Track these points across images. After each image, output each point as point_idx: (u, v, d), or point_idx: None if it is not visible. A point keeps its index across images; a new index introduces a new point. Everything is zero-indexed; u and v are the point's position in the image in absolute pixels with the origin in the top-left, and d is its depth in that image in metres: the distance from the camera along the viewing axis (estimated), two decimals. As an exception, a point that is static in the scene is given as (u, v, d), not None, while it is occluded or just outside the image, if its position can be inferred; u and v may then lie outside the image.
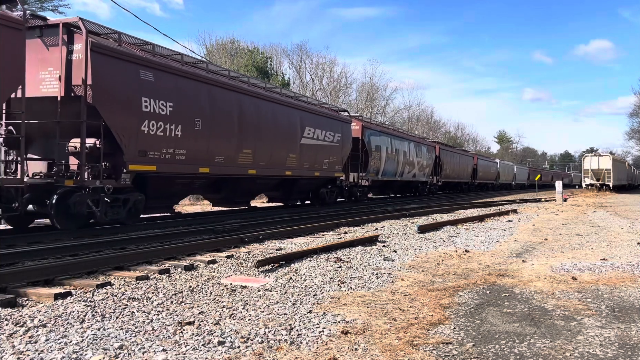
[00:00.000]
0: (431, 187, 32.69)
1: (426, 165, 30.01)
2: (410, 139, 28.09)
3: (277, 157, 14.74)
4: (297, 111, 16.07)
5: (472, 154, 45.94)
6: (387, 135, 24.31)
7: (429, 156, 30.58)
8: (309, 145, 16.37)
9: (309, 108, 17.01)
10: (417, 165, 28.28)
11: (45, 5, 26.62)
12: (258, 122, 13.77)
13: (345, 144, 18.96)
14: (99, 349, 3.42)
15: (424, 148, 29.76)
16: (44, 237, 8.65)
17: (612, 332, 3.97)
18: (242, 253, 7.51)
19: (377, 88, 55.34)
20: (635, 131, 68.33)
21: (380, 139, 23.00)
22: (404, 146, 25.86)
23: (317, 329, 3.92)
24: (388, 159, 23.45)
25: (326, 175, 17.87)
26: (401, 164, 25.49)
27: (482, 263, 7.09)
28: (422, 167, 29.18)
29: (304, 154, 16.11)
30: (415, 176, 28.11)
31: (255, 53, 42.21)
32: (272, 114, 14.51)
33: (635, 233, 10.94)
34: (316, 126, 16.86)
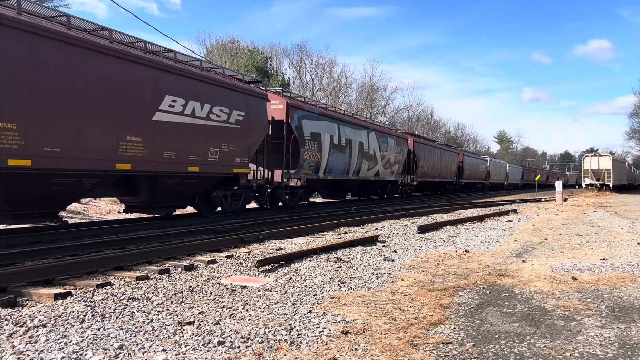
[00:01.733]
0: (404, 188, 27.71)
1: (395, 162, 24.67)
2: (371, 127, 22.29)
3: (97, 141, 8.90)
4: (149, 70, 10.03)
5: (457, 150, 40.52)
6: (332, 120, 18.46)
7: (398, 150, 25.08)
8: (173, 124, 10.54)
9: (176, 68, 10.72)
10: (382, 161, 22.93)
11: (46, 4, 26.59)
12: (43, 81, 7.93)
13: (253, 126, 13.12)
14: (99, 349, 3.42)
15: (391, 140, 24.10)
16: (43, 237, 8.64)
17: (612, 332, 3.97)
18: (242, 253, 7.51)
19: (377, 88, 55.37)
20: (635, 131, 68.36)
21: (320, 124, 17.39)
22: (360, 136, 20.52)
23: (317, 329, 3.92)
24: (334, 151, 18.22)
25: (214, 171, 12.03)
26: (356, 159, 20.09)
27: (482, 263, 7.09)
28: (388, 164, 23.86)
29: (161, 137, 10.28)
30: (379, 174, 22.86)
31: (255, 53, 42.22)
32: (84, 70, 8.60)
33: (635, 233, 10.94)
34: (190, 96, 10.91)
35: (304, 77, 49.38)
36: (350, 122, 20.33)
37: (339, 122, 19.08)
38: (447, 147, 37.25)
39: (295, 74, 49.20)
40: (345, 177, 19.84)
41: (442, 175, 33.96)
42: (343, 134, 19.16)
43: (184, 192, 11.80)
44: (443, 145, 37.30)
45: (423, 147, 30.20)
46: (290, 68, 49.61)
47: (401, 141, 26.07)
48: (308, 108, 17.12)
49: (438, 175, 32.92)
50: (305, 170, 16.65)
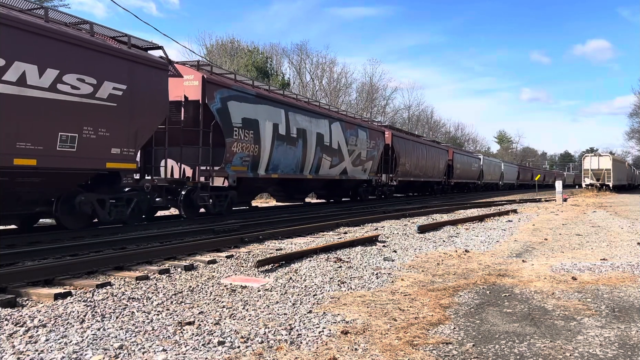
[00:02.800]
0: (382, 189, 24.38)
1: (368, 158, 21.30)
2: (335, 116, 18.70)
3: None
4: None
5: (446, 147, 36.97)
6: (277, 104, 14.86)
7: (372, 145, 21.66)
8: None
9: None
10: (350, 157, 19.56)
11: (46, 4, 26.61)
12: None
13: (142, 106, 9.92)
14: (99, 349, 3.42)
15: (362, 133, 20.62)
16: (43, 237, 8.64)
17: (612, 332, 3.97)
18: (242, 253, 7.51)
19: (377, 88, 55.34)
20: (635, 131, 68.36)
21: (258, 109, 13.91)
22: (319, 126, 17.14)
23: (317, 329, 3.92)
24: (280, 144, 14.84)
25: (71, 166, 8.72)
26: (314, 154, 16.77)
27: (482, 263, 7.09)
28: (359, 160, 20.44)
29: None
30: (347, 173, 19.53)
31: (255, 53, 42.21)
32: None
33: (635, 233, 10.94)
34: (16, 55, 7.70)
35: (304, 77, 49.39)
36: (305, 109, 16.60)
37: (287, 107, 15.38)
38: (434, 144, 34.25)
39: (295, 74, 49.21)
40: (299, 175, 16.21)
41: (429, 175, 30.59)
42: (294, 122, 15.54)
43: (17, 196, 8.49)
44: (429, 141, 34.21)
45: (404, 142, 26.38)
46: (290, 68, 49.63)
47: (376, 134, 22.34)
48: (238, 87, 13.32)
49: (423, 175, 29.52)
50: (235, 166, 13.00)
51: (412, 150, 27.34)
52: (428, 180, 31.15)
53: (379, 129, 23.71)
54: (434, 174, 31.81)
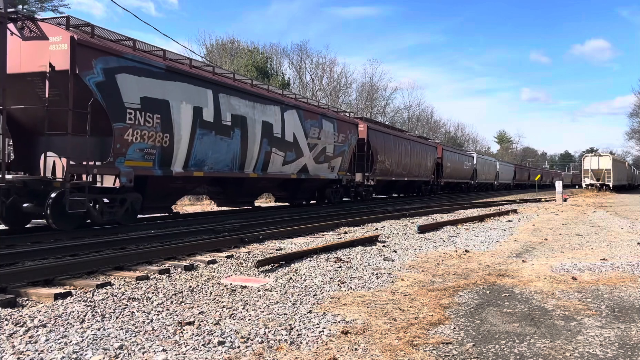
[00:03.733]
0: (358, 189, 21.32)
1: (336, 154, 18.26)
2: (289, 103, 15.49)
3: None
4: None
5: (435, 143, 34.38)
6: (199, 82, 11.62)
7: (341, 139, 18.68)
8: None
9: None
10: (312, 153, 16.69)
11: (46, 5, 26.64)
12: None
13: None
14: (99, 349, 3.42)
15: (327, 124, 17.59)
16: (43, 237, 8.65)
17: (612, 332, 3.97)
18: (242, 253, 7.51)
19: (377, 88, 55.37)
20: (635, 131, 68.39)
21: (168, 86, 10.69)
22: (266, 114, 14.01)
23: (317, 329, 3.92)
24: (206, 133, 11.75)
25: None
26: (258, 147, 13.72)
27: (482, 263, 7.09)
28: (324, 156, 17.49)
29: None
30: (307, 171, 16.63)
31: (255, 53, 42.22)
32: None
33: (635, 233, 10.94)
34: None
35: (304, 77, 49.44)
36: (245, 92, 13.23)
37: (217, 88, 12.13)
38: (421, 139, 31.03)
39: (295, 74, 49.25)
40: (237, 173, 13.17)
41: (414, 174, 27.69)
42: (227, 107, 12.42)
43: None
44: (415, 137, 30.84)
45: (383, 136, 23.21)
46: (290, 68, 49.69)
47: (346, 127, 19.03)
48: (136, 57, 10.14)
49: (408, 174, 26.60)
50: (133, 161, 9.98)
51: (392, 146, 24.25)
52: (413, 180, 28.24)
53: (351, 120, 20.21)
54: (420, 173, 28.79)
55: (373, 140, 22.03)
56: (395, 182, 26.16)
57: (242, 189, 14.51)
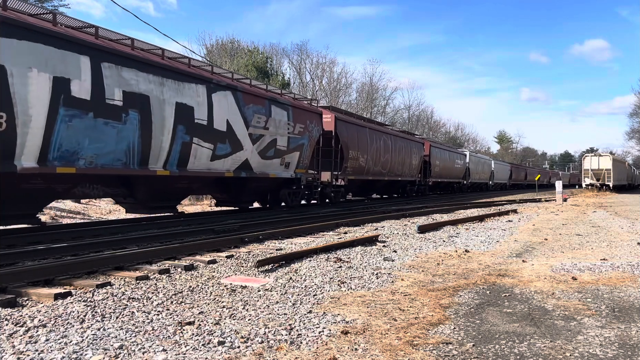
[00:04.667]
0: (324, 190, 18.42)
1: (291, 148, 15.12)
2: (220, 82, 12.19)
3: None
4: None
5: (422, 139, 31.02)
6: (66, 45, 8.44)
7: (299, 130, 15.45)
8: None
9: None
10: (256, 146, 13.47)
11: (46, 5, 26.65)
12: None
13: None
14: (99, 349, 3.42)
15: (279, 112, 14.42)
16: (43, 237, 8.64)
17: (612, 332, 3.97)
18: (242, 253, 7.51)
19: (377, 88, 55.37)
20: (635, 131, 68.35)
21: (7, 45, 7.51)
22: (182, 94, 10.89)
23: (317, 329, 3.92)
24: (75, 114, 8.60)
25: None
26: (170, 136, 10.57)
27: (482, 263, 7.09)
28: (273, 151, 14.27)
29: None
30: (249, 168, 13.35)
31: (255, 53, 42.22)
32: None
33: (635, 233, 10.94)
34: None
35: (304, 77, 49.44)
36: (148, 63, 10.03)
37: (98, 53, 9.02)
38: (404, 135, 27.80)
39: (295, 74, 49.25)
40: (137, 170, 9.90)
41: (396, 173, 24.81)
42: (116, 81, 9.29)
43: None
44: (398, 132, 27.68)
45: (356, 129, 20.24)
46: (290, 68, 49.69)
47: (305, 116, 15.90)
48: None
49: (388, 172, 23.74)
50: None
51: (368, 140, 21.14)
52: (396, 180, 25.36)
53: (313, 109, 16.84)
54: (404, 172, 25.92)
55: (343, 133, 18.90)
56: (373, 182, 23.45)
57: (153, 190, 11.08)
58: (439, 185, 34.60)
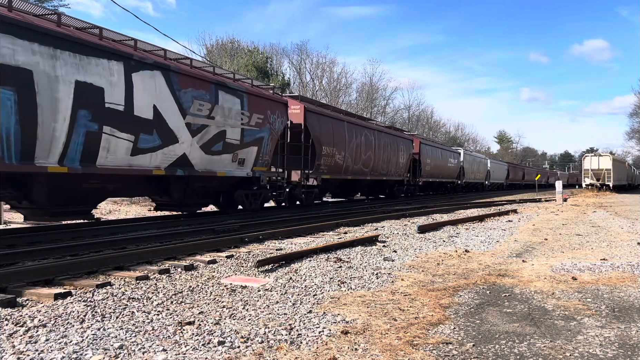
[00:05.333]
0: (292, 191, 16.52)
1: (246, 142, 12.93)
2: (149, 60, 10.06)
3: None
4: None
5: (411, 136, 28.73)
6: None
7: (255, 121, 13.22)
8: None
9: None
10: (197, 138, 11.28)
11: (46, 5, 26.64)
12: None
13: None
14: (99, 348, 3.42)
15: (228, 99, 12.18)
16: (43, 237, 8.65)
17: (612, 332, 3.97)
18: (242, 253, 7.51)
19: (377, 88, 55.37)
20: (635, 131, 68.36)
21: None
22: (86, 71, 8.61)
23: (317, 329, 3.92)
24: None
25: None
26: (66, 124, 8.30)
27: (482, 263, 7.09)
28: (222, 145, 12.07)
29: None
30: (189, 165, 11.18)
31: (255, 53, 42.23)
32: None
33: (635, 233, 10.94)
34: None
35: (304, 77, 49.44)
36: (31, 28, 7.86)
37: None
38: (390, 130, 25.44)
39: (295, 74, 49.26)
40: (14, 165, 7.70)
41: (380, 172, 22.76)
42: None
43: None
44: (383, 127, 25.48)
45: (331, 123, 18.08)
46: (290, 68, 49.69)
47: (265, 105, 13.70)
48: None
49: (371, 171, 21.74)
50: None
51: (347, 136, 19.15)
52: (381, 179, 23.39)
53: (276, 98, 14.69)
54: (390, 171, 23.86)
55: (314, 127, 16.70)
56: (353, 181, 21.33)
57: (52, 192, 8.93)
58: (431, 186, 32.70)
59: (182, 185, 11.84)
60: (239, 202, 13.78)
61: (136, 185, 11.18)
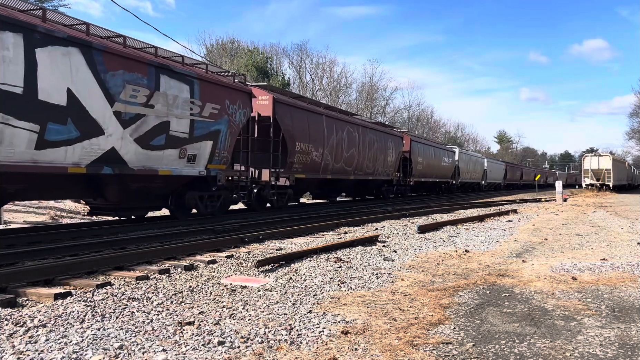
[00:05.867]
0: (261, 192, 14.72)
1: (198, 135, 11.47)
2: (60, 34, 8.41)
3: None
4: None
5: (401, 133, 26.93)
6: None
7: (209, 112, 11.72)
8: None
9: None
10: (134, 130, 9.81)
11: (46, 5, 26.63)
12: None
13: None
14: (99, 349, 3.42)
15: (173, 84, 10.65)
16: (43, 237, 8.65)
17: (612, 332, 3.97)
18: (242, 253, 7.51)
19: (377, 88, 55.36)
20: (635, 131, 68.33)
21: None
22: None
23: (317, 329, 3.92)
24: None
25: None
26: None
27: (482, 263, 7.09)
28: (164, 138, 10.54)
29: None
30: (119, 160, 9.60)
31: (255, 53, 42.22)
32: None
33: (635, 233, 10.94)
34: None
35: (304, 77, 49.42)
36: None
37: None
38: (377, 126, 23.68)
39: (295, 74, 49.23)
40: None
41: (366, 171, 21.32)
42: None
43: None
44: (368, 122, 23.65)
45: (306, 116, 16.57)
46: (290, 68, 49.66)
47: (224, 93, 12.21)
48: None
49: (355, 170, 20.26)
50: None
51: (325, 131, 17.60)
52: (366, 179, 21.92)
53: (237, 86, 12.89)
54: (377, 170, 22.36)
55: (285, 121, 15.11)
56: (335, 181, 19.80)
57: None
58: (424, 186, 31.12)
59: (118, 185, 10.12)
60: (192, 206, 12.20)
61: (53, 185, 9.31)
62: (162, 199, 11.79)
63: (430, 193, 33.27)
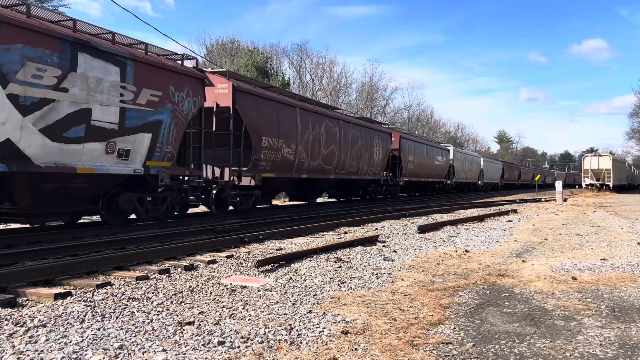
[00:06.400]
0: (221, 194, 13.12)
1: (133, 127, 9.81)
2: None
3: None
4: None
5: (389, 129, 25.68)
6: None
7: (148, 99, 10.04)
8: None
9: None
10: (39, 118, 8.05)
11: (46, 5, 26.64)
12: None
13: None
14: (99, 349, 3.42)
15: (96, 64, 8.96)
16: (43, 237, 8.65)
17: (612, 332, 3.97)
18: (242, 253, 7.51)
19: (377, 88, 55.34)
20: (635, 131, 68.32)
21: None
22: None
23: (317, 329, 3.92)
24: None
25: None
26: None
27: (482, 263, 7.09)
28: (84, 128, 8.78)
29: None
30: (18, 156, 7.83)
31: (255, 53, 42.21)
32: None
33: (635, 233, 10.94)
34: None
35: (304, 77, 49.40)
36: None
37: None
38: (362, 122, 22.04)
39: (295, 74, 49.21)
40: None
41: (349, 170, 19.91)
42: None
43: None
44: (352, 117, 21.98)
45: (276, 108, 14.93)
46: (290, 68, 49.64)
47: (167, 78, 10.62)
48: None
49: (336, 169, 18.84)
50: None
51: (299, 125, 16.04)
52: (349, 179, 20.49)
53: (185, 70, 11.32)
54: (361, 169, 20.89)
55: (248, 112, 13.44)
56: (312, 181, 18.11)
57: None
58: (415, 186, 29.55)
59: (27, 186, 8.52)
60: (129, 210, 10.54)
61: None
62: (90, 201, 10.00)
63: (423, 194, 32.12)
